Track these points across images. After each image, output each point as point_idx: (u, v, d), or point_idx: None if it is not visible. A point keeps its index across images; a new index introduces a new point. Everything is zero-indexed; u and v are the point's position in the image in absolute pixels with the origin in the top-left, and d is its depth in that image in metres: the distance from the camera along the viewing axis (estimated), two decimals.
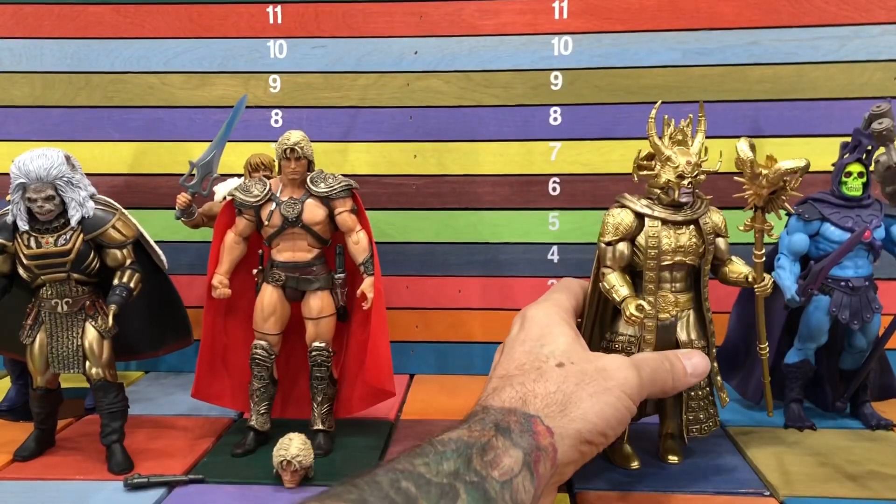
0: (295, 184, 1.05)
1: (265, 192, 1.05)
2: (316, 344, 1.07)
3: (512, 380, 0.56)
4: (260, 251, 1.10)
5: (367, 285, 1.04)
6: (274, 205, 1.04)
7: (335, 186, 1.05)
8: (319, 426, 1.07)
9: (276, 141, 1.08)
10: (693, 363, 0.77)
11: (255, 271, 1.10)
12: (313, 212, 1.05)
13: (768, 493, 0.92)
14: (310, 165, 1.06)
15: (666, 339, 0.97)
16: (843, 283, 1.09)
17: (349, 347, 1.14)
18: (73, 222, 0.99)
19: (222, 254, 1.07)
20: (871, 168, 1.08)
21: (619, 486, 0.95)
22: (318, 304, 1.07)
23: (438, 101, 1.38)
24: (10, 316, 1.07)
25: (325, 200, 1.05)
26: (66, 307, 1.01)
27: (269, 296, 1.07)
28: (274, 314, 1.07)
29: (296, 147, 1.02)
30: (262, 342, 1.07)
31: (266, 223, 1.04)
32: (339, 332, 1.12)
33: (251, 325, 1.09)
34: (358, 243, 1.06)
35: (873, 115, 1.06)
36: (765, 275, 0.99)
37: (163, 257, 1.12)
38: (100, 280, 1.04)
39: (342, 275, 1.09)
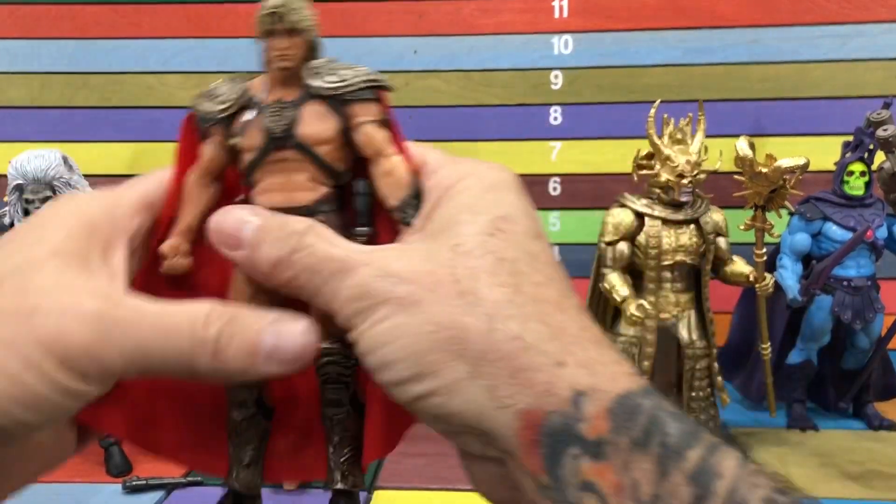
0: (286, 78, 0.62)
1: (239, 94, 0.63)
2: (327, 345, 0.76)
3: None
4: (239, 197, 0.75)
5: None
6: (252, 112, 0.62)
7: (351, 80, 0.60)
8: (340, 483, 0.73)
9: None
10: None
11: None
12: (315, 122, 0.61)
13: None
14: (313, 49, 0.71)
15: (667, 340, 0.97)
16: (845, 283, 1.09)
17: None
18: None
19: (180, 204, 0.70)
20: (874, 168, 1.08)
21: None
22: None
23: (438, 101, 1.38)
24: None
25: (337, 104, 0.62)
26: None
27: None
28: (260, 295, 0.76)
29: (281, 10, 0.68)
30: None
31: (240, 141, 0.70)
32: None
33: None
34: (391, 173, 0.62)
35: (874, 122, 1.05)
36: (766, 274, 0.98)
37: None
38: None
39: (367, 229, 0.75)
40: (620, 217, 0.97)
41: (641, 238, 0.96)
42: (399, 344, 0.23)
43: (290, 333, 0.30)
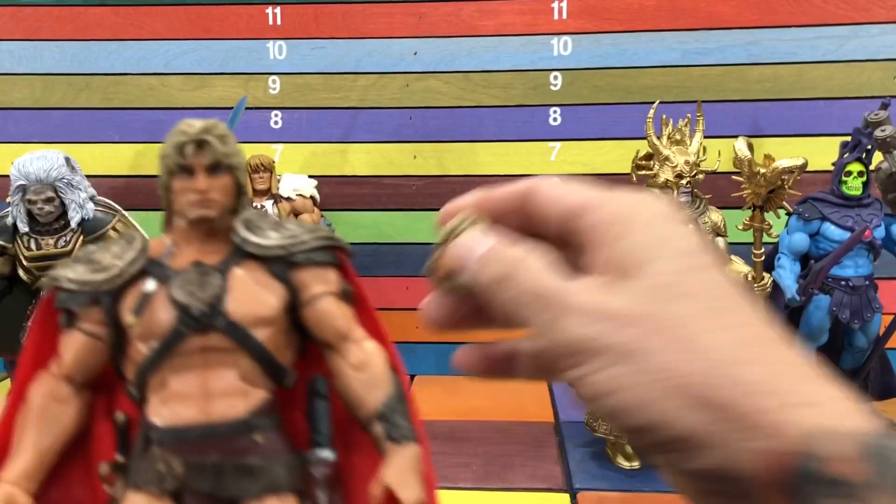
0: (207, 232, 0.45)
1: (134, 255, 0.44)
2: None
3: None
4: (119, 416, 0.44)
5: (397, 474, 0.40)
6: (153, 282, 0.42)
7: (302, 237, 0.43)
8: None
9: (276, 142, 1.07)
10: None
11: (103, 468, 0.44)
12: (253, 293, 0.43)
13: None
14: (241, 194, 0.46)
15: None
16: (843, 283, 1.09)
17: None
18: (73, 224, 0.99)
19: (21, 429, 0.42)
20: (872, 168, 1.08)
21: (620, 486, 0.95)
22: None
23: (438, 102, 1.38)
24: (10, 318, 1.08)
25: (282, 269, 0.43)
26: None
27: None
28: None
29: (207, 138, 0.44)
30: None
31: (134, 324, 0.41)
32: None
33: None
34: (364, 366, 0.43)
35: (872, 123, 1.06)
36: (764, 274, 0.99)
37: None
38: None
39: (329, 455, 0.43)
40: None
41: None
42: (628, 393, 0.23)
43: None
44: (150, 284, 0.38)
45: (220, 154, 0.40)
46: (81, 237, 1.00)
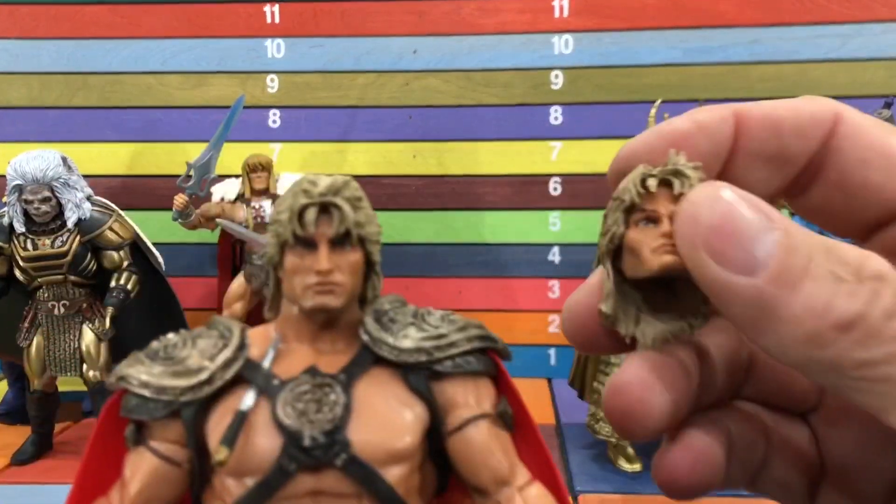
0: (324, 325, 0.32)
1: (230, 356, 0.31)
2: None
3: None
4: None
5: None
6: (252, 394, 0.30)
7: (451, 337, 0.32)
8: None
9: (274, 141, 1.06)
10: None
11: None
12: (385, 417, 0.31)
13: None
14: (374, 274, 0.33)
15: None
16: None
17: None
18: (70, 224, 0.98)
19: None
20: None
21: (622, 488, 0.94)
22: None
23: (438, 101, 1.37)
24: (6, 318, 1.07)
25: (422, 380, 0.31)
26: (63, 309, 1.00)
27: None
28: None
29: (335, 201, 0.32)
30: None
31: (224, 457, 0.28)
32: None
33: None
34: None
35: None
36: None
37: (160, 259, 1.11)
38: (97, 282, 1.03)
39: None
40: None
41: None
42: None
43: None
44: (248, 399, 0.27)
45: (350, 223, 0.28)
46: (78, 237, 0.99)
